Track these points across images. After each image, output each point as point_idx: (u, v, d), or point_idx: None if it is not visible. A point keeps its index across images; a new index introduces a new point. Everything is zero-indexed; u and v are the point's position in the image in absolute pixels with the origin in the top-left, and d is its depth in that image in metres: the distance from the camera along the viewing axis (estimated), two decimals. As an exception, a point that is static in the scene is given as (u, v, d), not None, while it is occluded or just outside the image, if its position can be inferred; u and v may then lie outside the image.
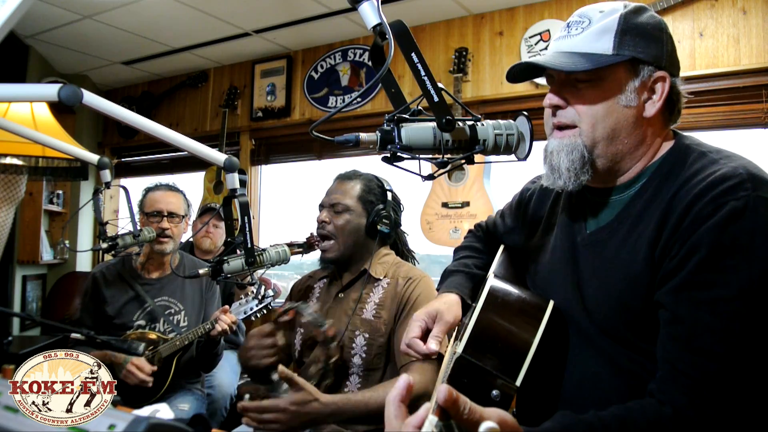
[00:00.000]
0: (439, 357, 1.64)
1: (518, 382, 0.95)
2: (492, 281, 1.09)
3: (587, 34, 0.96)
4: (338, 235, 1.76)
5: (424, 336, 1.11)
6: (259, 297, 2.15)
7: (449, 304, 1.16)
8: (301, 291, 1.96)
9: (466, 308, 1.19)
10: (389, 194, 1.84)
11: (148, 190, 2.33)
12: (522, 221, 1.27)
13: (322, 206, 1.84)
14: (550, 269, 1.11)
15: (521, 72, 1.04)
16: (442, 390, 0.60)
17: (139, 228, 1.96)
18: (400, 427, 0.71)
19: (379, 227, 1.77)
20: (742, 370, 0.79)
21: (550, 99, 1.01)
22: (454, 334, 1.15)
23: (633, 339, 0.94)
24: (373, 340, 1.66)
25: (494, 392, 0.93)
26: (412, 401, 0.69)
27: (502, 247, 1.32)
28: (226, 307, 2.10)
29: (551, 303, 1.04)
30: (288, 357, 1.79)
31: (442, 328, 1.10)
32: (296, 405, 1.39)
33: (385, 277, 1.77)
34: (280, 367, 1.42)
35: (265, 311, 2.17)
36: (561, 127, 1.01)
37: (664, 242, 0.89)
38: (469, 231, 1.47)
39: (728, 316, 0.81)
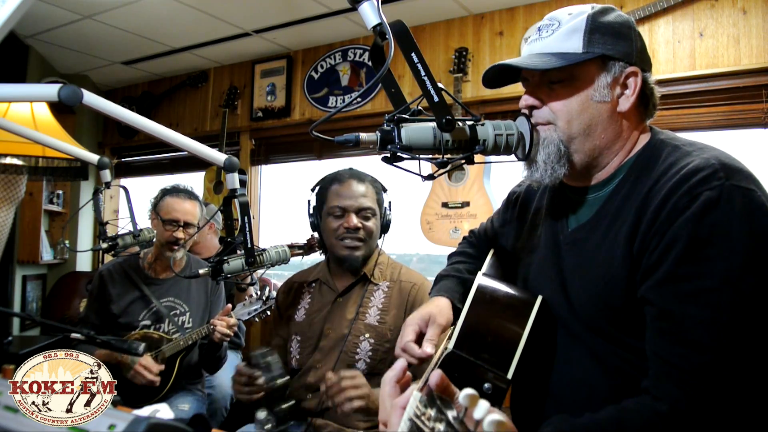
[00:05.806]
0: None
1: (509, 375, 0.95)
2: (480, 279, 1.10)
3: (557, 35, 0.99)
4: (368, 239, 1.74)
5: (419, 341, 1.11)
6: (263, 298, 2.15)
7: (440, 307, 1.16)
8: (288, 296, 1.91)
9: (457, 312, 1.19)
10: (385, 195, 1.84)
11: (165, 193, 2.30)
12: (509, 223, 1.29)
13: (345, 210, 1.73)
14: (537, 268, 1.13)
15: (497, 76, 1.07)
16: (434, 375, 0.60)
17: (139, 228, 1.96)
18: (390, 406, 0.73)
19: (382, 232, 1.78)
20: (733, 359, 0.80)
21: (526, 100, 1.04)
22: (447, 335, 1.15)
23: (618, 335, 0.95)
24: (379, 345, 1.65)
25: (486, 385, 0.94)
26: None
27: (492, 251, 1.34)
28: (229, 306, 2.09)
29: (540, 297, 1.05)
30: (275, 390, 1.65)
31: (435, 331, 1.10)
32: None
33: (384, 280, 1.76)
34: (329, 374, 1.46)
35: (268, 312, 2.17)
36: (537, 125, 1.03)
37: (642, 237, 0.89)
38: (464, 238, 1.49)
39: (714, 307, 0.81)
